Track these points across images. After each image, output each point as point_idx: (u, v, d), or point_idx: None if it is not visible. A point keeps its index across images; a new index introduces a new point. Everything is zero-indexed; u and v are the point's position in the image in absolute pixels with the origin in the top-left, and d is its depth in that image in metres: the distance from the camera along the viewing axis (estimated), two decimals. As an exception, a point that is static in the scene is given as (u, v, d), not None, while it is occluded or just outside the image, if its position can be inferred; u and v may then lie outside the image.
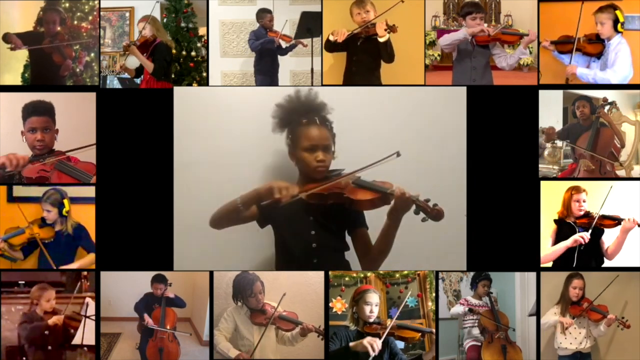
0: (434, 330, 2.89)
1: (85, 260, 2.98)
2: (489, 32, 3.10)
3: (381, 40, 3.04)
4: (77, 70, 3.16)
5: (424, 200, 2.47)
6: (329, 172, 2.69)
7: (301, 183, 2.70)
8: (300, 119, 2.67)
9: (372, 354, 2.57)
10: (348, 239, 2.76)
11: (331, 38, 3.08)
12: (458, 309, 3.03)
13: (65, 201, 2.95)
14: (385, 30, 3.03)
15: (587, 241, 2.98)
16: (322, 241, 2.68)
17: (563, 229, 3.03)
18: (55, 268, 2.95)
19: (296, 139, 2.67)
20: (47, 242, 2.96)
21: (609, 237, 3.04)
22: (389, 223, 2.55)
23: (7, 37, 3.08)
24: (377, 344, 2.59)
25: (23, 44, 3.08)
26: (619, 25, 3.03)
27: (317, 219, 2.68)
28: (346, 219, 2.70)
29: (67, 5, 3.14)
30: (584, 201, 3.03)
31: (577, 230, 3.01)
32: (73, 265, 2.98)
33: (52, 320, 2.92)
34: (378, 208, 2.57)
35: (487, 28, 3.12)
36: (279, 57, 3.32)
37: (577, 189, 3.03)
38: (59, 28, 3.13)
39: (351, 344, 2.64)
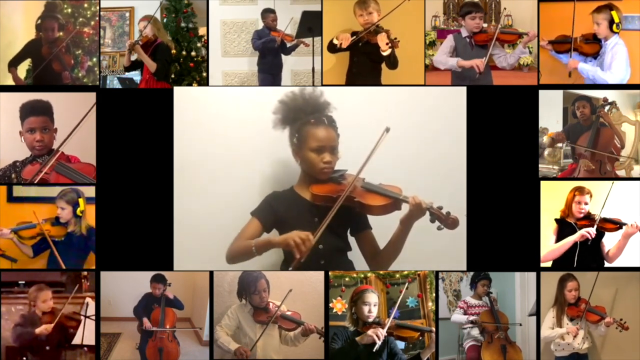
0: (433, 329, 2.89)
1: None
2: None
3: (384, 54, 3.04)
4: (79, 75, 3.14)
5: (437, 207, 2.48)
6: (333, 172, 2.68)
7: (304, 183, 2.70)
8: (307, 117, 2.66)
9: (378, 342, 2.57)
10: (350, 239, 2.75)
11: (335, 42, 3.07)
12: (459, 317, 3.02)
13: (81, 201, 2.94)
14: (387, 44, 3.01)
15: (593, 236, 2.96)
16: (328, 242, 2.65)
17: (564, 229, 3.03)
18: (64, 268, 2.93)
19: (303, 139, 2.65)
20: (57, 240, 2.95)
21: (610, 240, 3.03)
22: (402, 229, 2.57)
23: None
24: (381, 332, 2.59)
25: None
26: (614, 26, 3.04)
27: (323, 220, 2.65)
28: (350, 220, 2.69)
29: (69, 10, 3.13)
30: (585, 203, 3.01)
31: (577, 231, 3.00)
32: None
33: (40, 329, 2.87)
34: (389, 214, 2.58)
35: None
36: (282, 56, 3.32)
37: (581, 190, 3.02)
38: (59, 34, 3.11)
39: (357, 337, 2.64)
